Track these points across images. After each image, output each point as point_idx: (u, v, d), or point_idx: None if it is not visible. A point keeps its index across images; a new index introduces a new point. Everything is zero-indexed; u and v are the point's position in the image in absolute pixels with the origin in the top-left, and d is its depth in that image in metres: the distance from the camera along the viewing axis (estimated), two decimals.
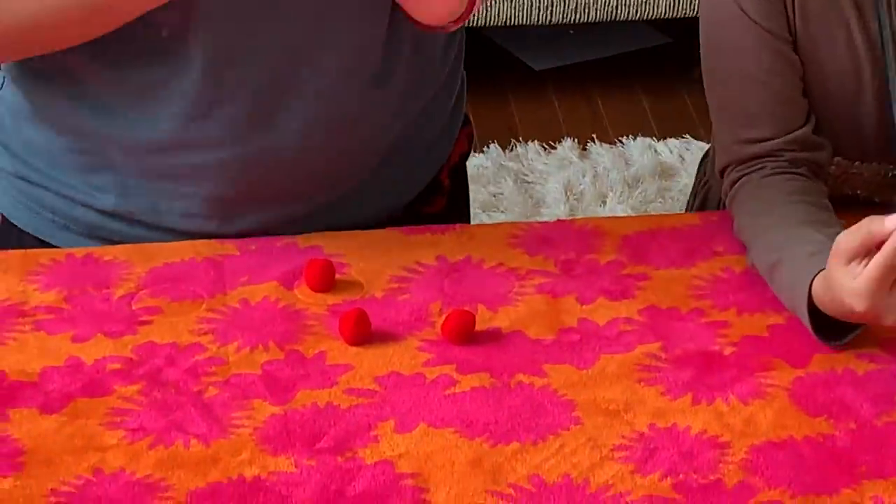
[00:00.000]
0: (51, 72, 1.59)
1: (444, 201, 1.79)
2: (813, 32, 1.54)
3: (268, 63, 1.55)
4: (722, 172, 1.61)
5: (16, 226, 1.69)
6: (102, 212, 1.63)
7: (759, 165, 1.58)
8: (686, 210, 1.86)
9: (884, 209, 1.49)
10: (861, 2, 1.52)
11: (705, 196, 1.79)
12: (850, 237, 1.37)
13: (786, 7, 1.55)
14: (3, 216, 1.70)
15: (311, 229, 1.63)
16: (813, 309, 1.42)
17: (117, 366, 1.42)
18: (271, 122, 1.59)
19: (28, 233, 1.68)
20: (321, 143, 1.60)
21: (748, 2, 1.56)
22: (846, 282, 1.36)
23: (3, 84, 1.66)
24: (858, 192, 1.60)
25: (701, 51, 1.61)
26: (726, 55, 1.58)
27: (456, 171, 1.81)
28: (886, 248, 1.32)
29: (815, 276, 1.42)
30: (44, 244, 1.66)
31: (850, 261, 1.37)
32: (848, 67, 1.51)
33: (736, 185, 1.59)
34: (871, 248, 1.35)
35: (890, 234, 1.32)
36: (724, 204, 1.62)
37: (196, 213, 1.62)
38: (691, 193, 1.86)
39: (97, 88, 1.58)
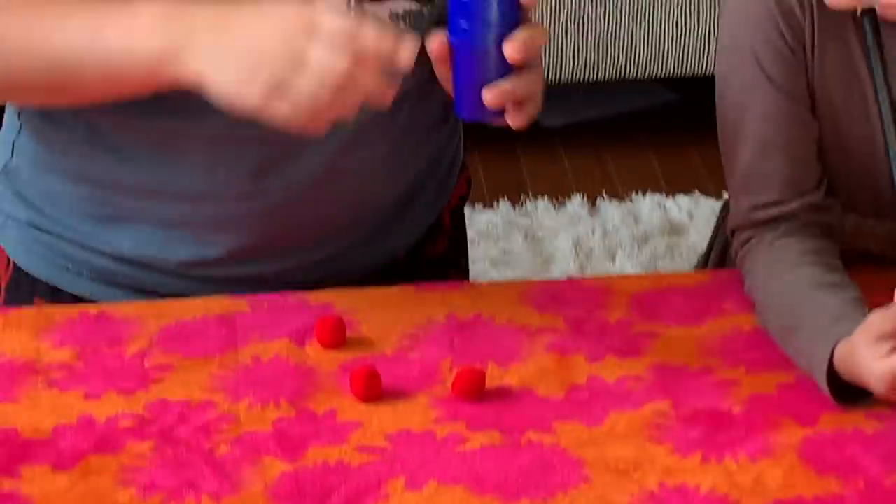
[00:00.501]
0: (70, 120, 1.60)
1: (446, 242, 1.80)
2: (830, 93, 1.54)
3: None
4: (733, 231, 1.62)
5: (28, 274, 1.69)
6: (118, 258, 1.64)
7: (772, 228, 1.58)
8: (700, 263, 1.86)
9: None
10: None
11: (723, 252, 1.77)
12: (883, 318, 1.37)
13: (806, 68, 1.55)
14: (14, 265, 1.70)
15: (321, 274, 1.63)
16: (831, 376, 1.42)
17: (129, 423, 1.42)
18: (290, 173, 1.59)
19: (41, 280, 1.68)
20: (337, 193, 1.61)
21: (770, 64, 1.55)
22: (869, 361, 1.37)
23: (19, 132, 1.67)
24: (872, 248, 1.60)
25: (717, 110, 1.61)
26: (744, 118, 1.58)
27: (455, 212, 1.82)
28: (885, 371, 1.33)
29: (835, 345, 1.42)
30: (57, 291, 1.67)
31: (878, 340, 1.37)
32: (864, 128, 1.50)
33: (747, 246, 1.59)
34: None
35: None
36: (734, 260, 1.62)
37: (210, 260, 1.63)
38: (707, 245, 1.85)
39: (117, 137, 1.59)
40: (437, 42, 1.45)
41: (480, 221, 2.94)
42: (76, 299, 1.67)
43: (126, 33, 1.42)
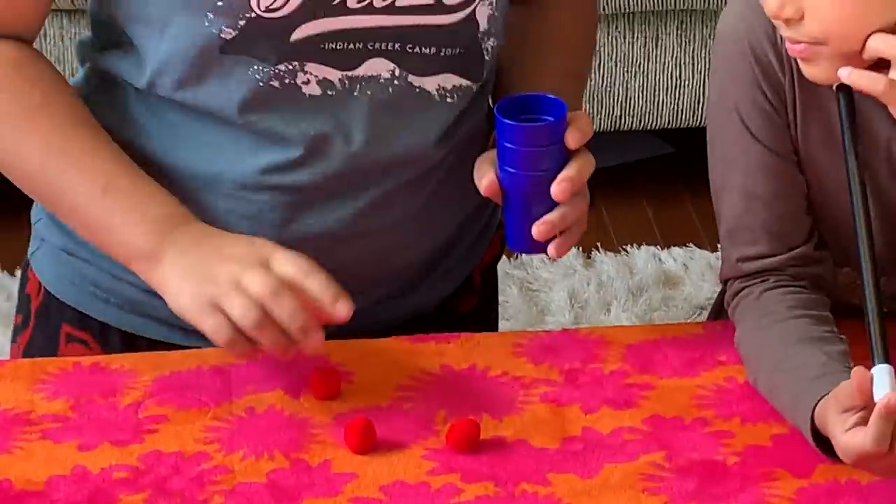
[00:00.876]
0: None
1: (476, 300, 1.80)
2: (814, 153, 1.54)
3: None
4: (726, 282, 1.62)
5: (58, 299, 1.70)
6: (144, 289, 1.62)
7: (761, 279, 1.58)
8: (711, 315, 1.85)
9: (891, 318, 1.50)
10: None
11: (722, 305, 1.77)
12: (850, 389, 1.37)
13: (789, 126, 1.56)
14: (46, 290, 1.71)
15: (346, 328, 1.63)
16: (816, 431, 1.42)
17: (123, 474, 1.42)
18: (314, 226, 1.60)
19: (68, 305, 1.69)
20: (363, 250, 1.62)
21: (754, 121, 1.56)
22: (837, 431, 1.37)
23: None
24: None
25: (708, 165, 1.61)
26: (731, 172, 1.58)
27: (487, 272, 1.82)
28: (871, 435, 1.32)
29: (817, 403, 1.42)
30: (84, 317, 1.68)
31: (844, 411, 1.37)
32: (846, 186, 1.50)
33: (737, 297, 1.59)
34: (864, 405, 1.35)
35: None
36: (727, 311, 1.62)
37: None
38: (715, 303, 1.84)
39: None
40: (487, 181, 1.52)
41: None
42: (102, 325, 1.69)
43: (127, 226, 1.54)
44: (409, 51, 1.59)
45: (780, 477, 1.42)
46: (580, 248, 3.05)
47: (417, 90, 1.61)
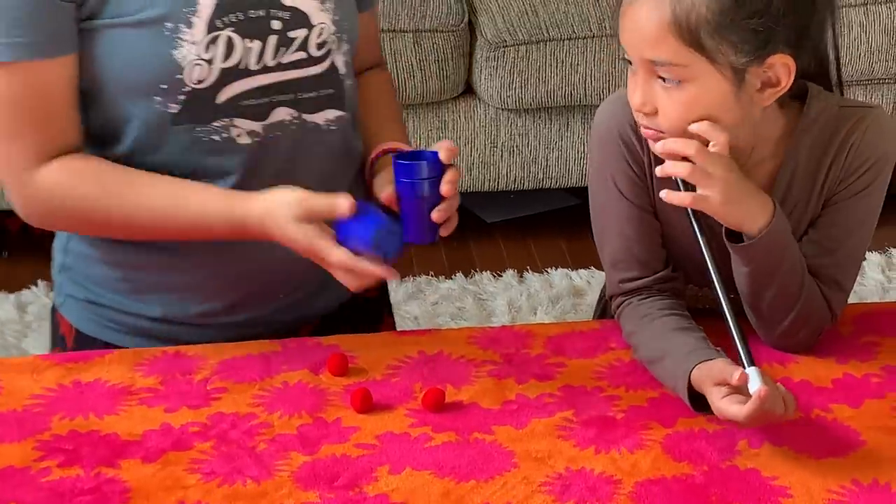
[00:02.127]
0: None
1: (377, 291, 1.76)
2: (665, 206, 1.52)
3: None
4: (610, 298, 1.61)
5: (86, 334, 1.67)
6: (150, 318, 1.62)
7: (637, 294, 1.57)
8: (593, 317, 1.86)
9: (716, 317, 1.50)
10: None
11: (604, 308, 1.78)
12: (722, 370, 1.38)
13: (648, 187, 1.55)
14: (76, 329, 1.67)
15: (293, 316, 1.63)
16: (690, 392, 1.42)
17: (196, 429, 1.42)
18: (260, 259, 1.58)
19: (96, 338, 1.66)
20: (296, 260, 1.55)
21: (623, 185, 1.55)
22: (715, 398, 1.38)
23: (69, 238, 1.65)
24: (707, 307, 1.59)
25: (591, 215, 1.61)
26: (610, 221, 1.57)
27: None
28: (746, 411, 1.33)
29: (692, 370, 1.42)
30: (107, 345, 1.64)
31: (717, 383, 1.38)
32: (688, 230, 1.49)
33: (620, 308, 1.58)
34: (727, 382, 1.36)
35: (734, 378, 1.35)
36: (614, 315, 1.62)
37: (218, 310, 1.61)
38: (596, 306, 1.86)
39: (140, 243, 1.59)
40: (385, 193, 1.48)
41: (443, 289, 2.93)
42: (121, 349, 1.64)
43: (203, 206, 1.49)
44: (299, 97, 1.57)
45: (653, 427, 1.42)
46: (516, 271, 3.04)
47: (312, 126, 1.59)
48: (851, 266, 1.54)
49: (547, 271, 3.05)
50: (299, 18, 1.54)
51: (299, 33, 1.55)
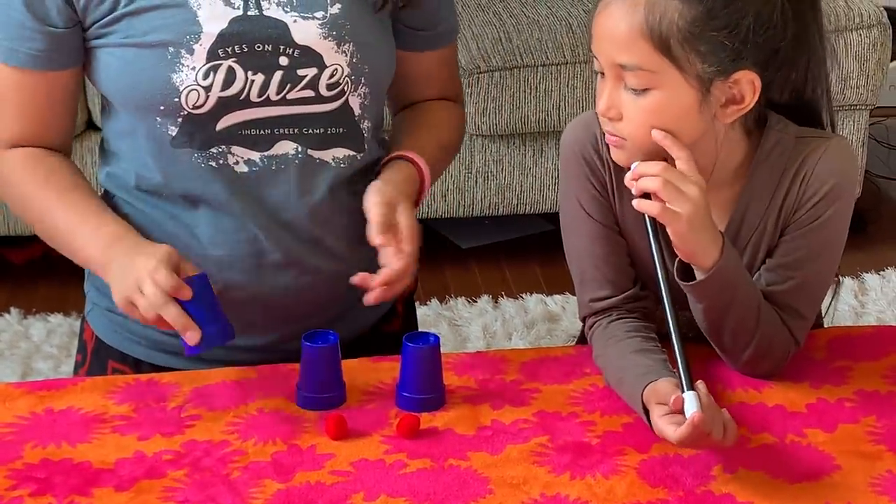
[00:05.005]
0: None
1: (400, 322, 1.78)
2: (629, 226, 1.54)
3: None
4: (584, 319, 1.62)
5: (106, 343, 1.69)
6: (168, 333, 1.61)
7: (606, 315, 1.58)
8: (575, 343, 1.85)
9: (695, 339, 1.51)
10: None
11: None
12: (665, 390, 1.39)
13: (612, 206, 1.56)
14: (97, 337, 1.70)
15: None
16: (646, 408, 1.43)
17: (170, 457, 1.41)
18: (279, 288, 1.59)
19: (114, 347, 1.68)
20: (311, 288, 1.60)
21: (588, 205, 1.56)
22: (655, 415, 1.39)
23: None
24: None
25: (562, 237, 1.61)
26: (577, 240, 1.59)
27: (406, 301, 1.81)
28: (680, 434, 1.34)
29: (644, 389, 1.43)
30: (124, 355, 1.67)
31: (659, 402, 1.40)
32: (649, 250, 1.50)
33: (592, 329, 1.59)
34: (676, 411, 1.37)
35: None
36: (587, 337, 1.62)
37: None
38: (580, 332, 1.83)
39: None
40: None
41: (418, 315, 2.92)
42: (137, 361, 1.67)
43: (88, 239, 1.54)
44: (305, 132, 1.58)
45: (628, 452, 1.42)
46: (490, 296, 3.05)
47: (318, 161, 1.60)
48: (811, 294, 1.55)
49: (522, 297, 3.05)
50: (311, 58, 1.56)
51: (309, 72, 1.56)
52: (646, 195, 1.43)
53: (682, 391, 1.36)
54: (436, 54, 1.70)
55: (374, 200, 1.53)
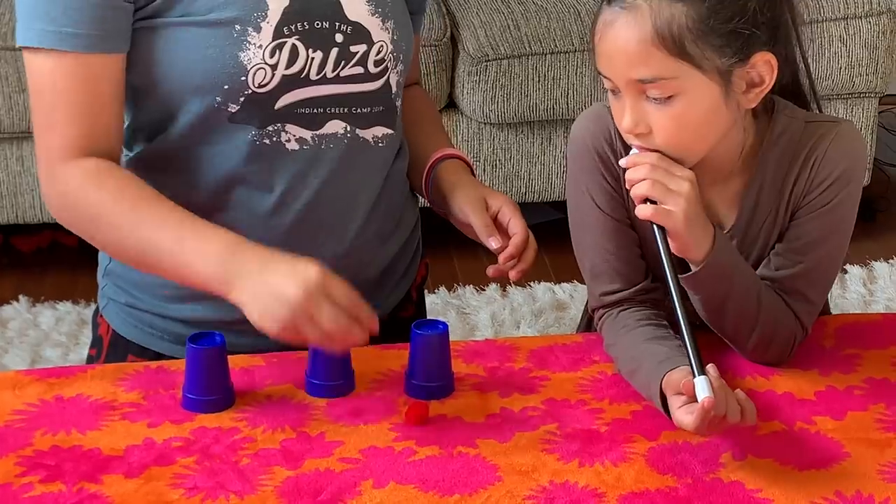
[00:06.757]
0: None
1: (413, 308, 1.79)
2: (642, 221, 1.53)
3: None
4: (593, 311, 1.62)
5: (123, 337, 1.69)
6: (184, 322, 1.63)
7: (618, 306, 1.58)
8: (576, 331, 1.86)
9: (703, 328, 1.50)
10: None
11: (588, 322, 1.79)
12: (678, 380, 1.39)
13: (624, 200, 1.56)
14: (114, 331, 1.70)
15: None
16: (664, 399, 1.43)
17: (179, 444, 1.41)
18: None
19: (133, 342, 1.68)
20: (339, 264, 1.59)
21: (599, 199, 1.56)
22: (673, 406, 1.39)
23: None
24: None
25: (570, 230, 1.61)
26: (586, 234, 1.58)
27: (419, 288, 1.82)
28: (693, 420, 1.34)
29: (662, 378, 1.43)
30: (143, 349, 1.66)
31: (676, 393, 1.39)
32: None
33: (602, 319, 1.59)
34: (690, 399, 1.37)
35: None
36: (596, 328, 1.62)
37: (242, 318, 1.54)
38: (580, 320, 1.86)
39: None
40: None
41: (427, 302, 2.93)
42: (156, 353, 1.67)
43: (197, 254, 1.44)
44: (353, 112, 1.59)
45: (636, 440, 1.42)
46: (499, 285, 3.05)
47: (362, 140, 1.61)
48: (819, 279, 1.55)
49: (530, 285, 3.06)
50: (361, 34, 1.57)
51: (360, 48, 1.57)
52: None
53: (693, 377, 1.36)
54: (416, 38, 1.73)
55: (467, 211, 1.62)
